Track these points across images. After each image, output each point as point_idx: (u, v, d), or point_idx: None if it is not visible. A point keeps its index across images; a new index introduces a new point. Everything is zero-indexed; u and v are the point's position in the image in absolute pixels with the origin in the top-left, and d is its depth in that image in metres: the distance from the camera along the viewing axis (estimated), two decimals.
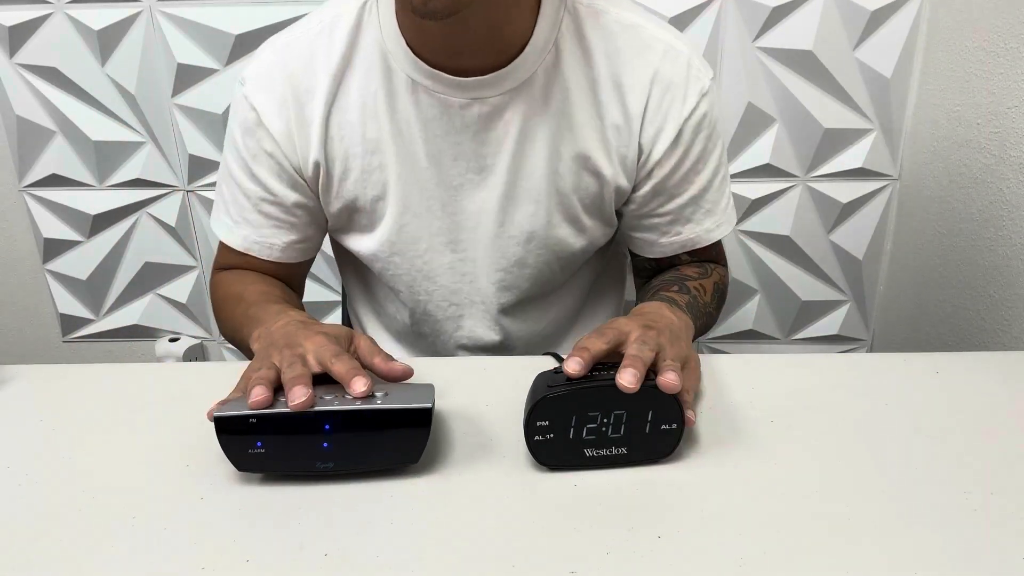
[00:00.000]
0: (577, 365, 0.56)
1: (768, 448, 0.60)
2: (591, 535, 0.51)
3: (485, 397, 0.67)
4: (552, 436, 0.57)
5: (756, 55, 1.35)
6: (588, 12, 0.73)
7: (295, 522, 0.53)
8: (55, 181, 1.54)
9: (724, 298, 0.86)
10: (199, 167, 1.51)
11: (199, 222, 1.57)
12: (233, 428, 0.55)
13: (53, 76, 1.45)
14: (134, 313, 1.67)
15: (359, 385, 0.56)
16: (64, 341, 1.71)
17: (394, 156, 0.75)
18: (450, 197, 0.77)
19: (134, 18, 1.40)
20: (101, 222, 1.58)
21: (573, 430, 0.57)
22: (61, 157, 1.52)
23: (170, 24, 1.39)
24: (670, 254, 0.83)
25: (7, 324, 1.71)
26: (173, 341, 1.67)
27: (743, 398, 0.67)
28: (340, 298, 1.50)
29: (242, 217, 0.80)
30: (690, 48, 0.75)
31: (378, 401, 0.55)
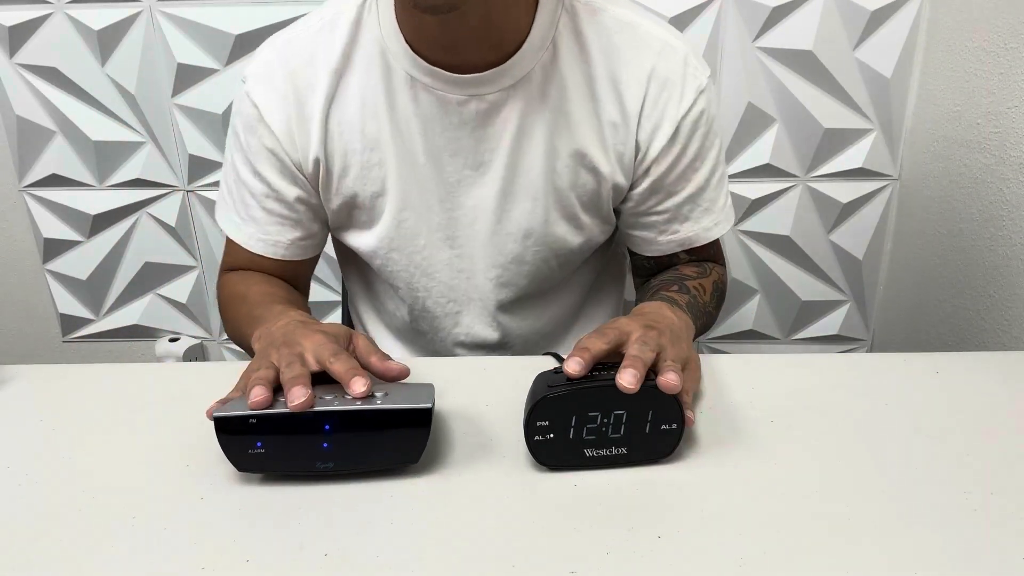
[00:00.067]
0: (577, 365, 0.56)
1: (768, 448, 0.60)
2: (591, 535, 0.51)
3: (485, 397, 0.67)
4: (552, 436, 0.57)
5: (756, 55, 1.35)
6: (585, 10, 0.73)
7: (295, 522, 0.53)
8: (55, 181, 1.54)
9: (723, 297, 0.86)
10: (199, 167, 1.51)
11: (199, 222, 1.57)
12: (233, 428, 0.55)
13: (53, 76, 1.45)
14: (134, 313, 1.67)
15: (358, 385, 0.56)
16: (64, 341, 1.71)
17: (393, 152, 0.75)
18: (448, 193, 0.77)
19: (134, 18, 1.40)
20: (101, 222, 1.58)
21: (573, 430, 0.57)
22: (61, 157, 1.52)
23: (170, 24, 1.39)
24: (668, 252, 0.83)
25: (7, 324, 1.71)
26: (173, 341, 1.67)
27: (743, 398, 0.67)
28: (340, 298, 1.50)
29: (248, 215, 0.80)
30: (687, 46, 0.75)
31: (378, 401, 0.55)
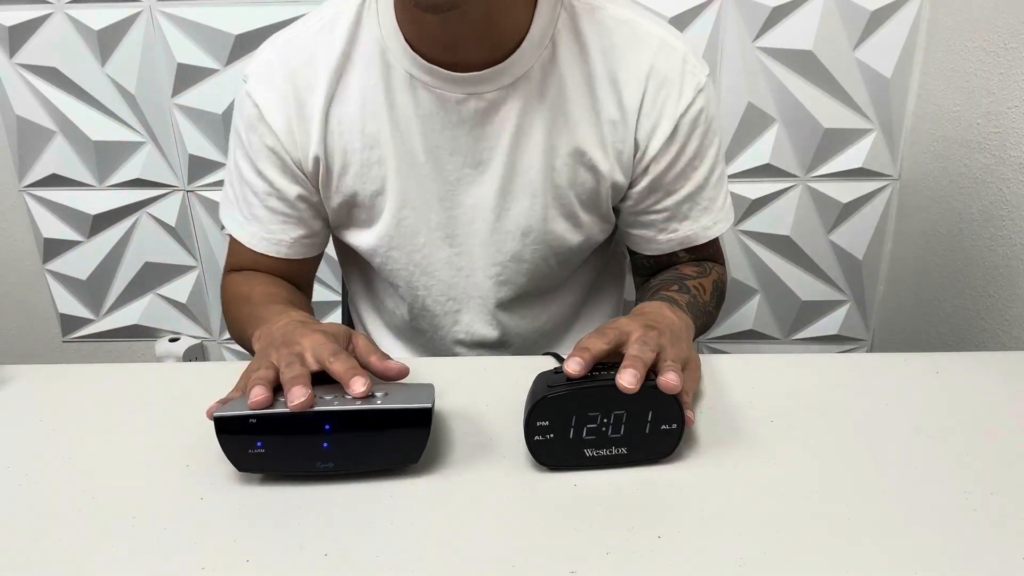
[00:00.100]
0: (577, 365, 0.56)
1: (768, 448, 0.60)
2: (591, 535, 0.51)
3: (485, 397, 0.67)
4: (552, 436, 0.57)
5: (756, 55, 1.35)
6: (584, 8, 0.73)
7: (295, 522, 0.53)
8: (55, 181, 1.54)
9: (723, 297, 0.86)
10: (199, 167, 1.51)
11: (199, 222, 1.57)
12: (233, 428, 0.55)
13: (53, 76, 1.45)
14: (134, 313, 1.67)
15: (358, 385, 0.56)
16: (64, 341, 1.71)
17: (392, 151, 0.75)
18: (447, 192, 0.77)
19: (134, 18, 1.40)
20: (101, 222, 1.58)
21: (573, 430, 0.57)
22: (61, 157, 1.52)
23: (170, 24, 1.39)
24: (668, 251, 0.83)
25: (7, 324, 1.71)
26: (173, 341, 1.67)
27: (743, 398, 0.67)
28: (340, 298, 1.50)
29: (251, 213, 0.81)
30: (685, 45, 0.75)
31: (378, 401, 0.55)
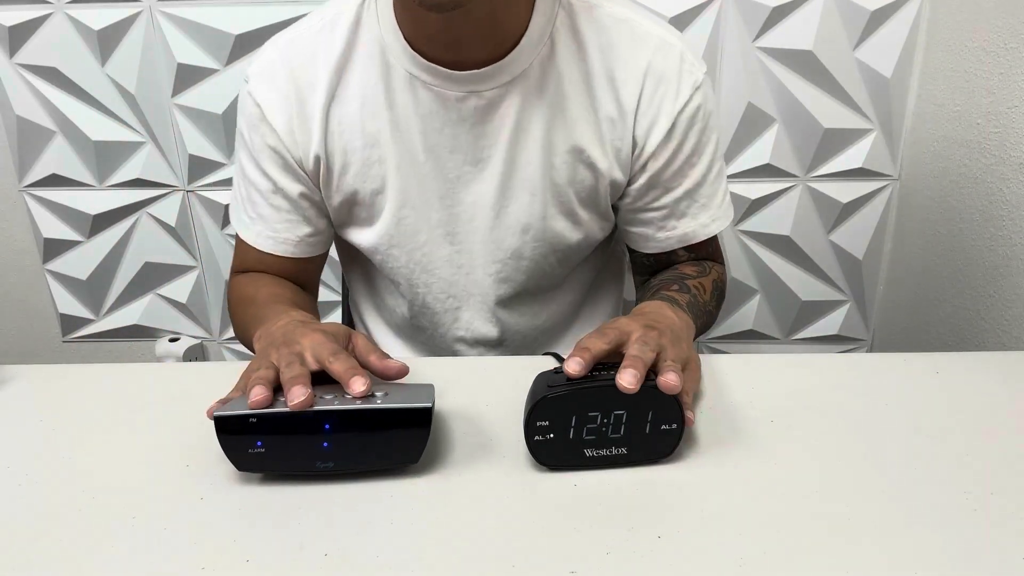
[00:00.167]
0: (577, 365, 0.56)
1: (768, 448, 0.60)
2: (591, 535, 0.51)
3: (485, 397, 0.67)
4: (552, 436, 0.57)
5: (756, 55, 1.35)
6: (582, 6, 0.74)
7: (295, 522, 0.53)
8: (55, 181, 1.54)
9: (723, 296, 0.86)
10: (199, 167, 1.51)
11: (199, 222, 1.57)
12: (233, 428, 0.55)
13: (53, 76, 1.45)
14: (134, 313, 1.67)
15: (358, 385, 0.56)
16: (64, 341, 1.71)
17: (393, 149, 0.76)
18: (448, 189, 0.78)
19: (134, 18, 1.40)
20: (101, 222, 1.58)
21: (573, 430, 0.57)
22: (61, 157, 1.52)
23: (170, 24, 1.39)
24: (667, 249, 0.83)
25: (7, 324, 1.71)
26: (173, 341, 1.67)
27: (743, 398, 0.67)
28: (340, 298, 1.50)
29: (256, 213, 0.81)
30: (683, 42, 0.75)
31: (378, 401, 0.55)
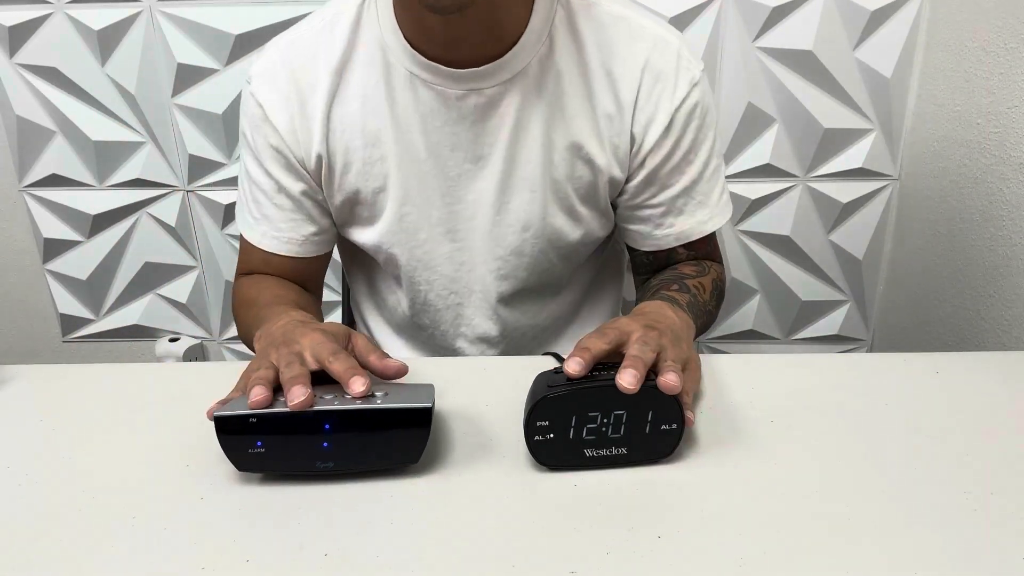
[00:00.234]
0: (578, 365, 0.56)
1: (768, 448, 0.60)
2: (591, 535, 0.51)
3: (485, 397, 0.67)
4: (552, 436, 0.57)
5: (756, 55, 1.35)
6: (580, 4, 0.74)
7: (295, 522, 0.53)
8: (55, 181, 1.54)
9: (723, 296, 0.86)
10: (199, 167, 1.51)
11: (199, 222, 1.57)
12: (233, 428, 0.55)
13: (53, 76, 1.45)
14: (134, 313, 1.67)
15: (357, 385, 0.56)
16: (64, 341, 1.71)
17: (394, 148, 0.76)
18: (448, 187, 0.78)
19: (134, 18, 1.40)
20: (101, 222, 1.58)
21: (573, 430, 0.57)
22: (61, 157, 1.52)
23: (170, 24, 1.39)
24: (665, 247, 0.83)
25: (7, 324, 1.71)
26: (173, 341, 1.67)
27: (743, 398, 0.67)
28: (340, 298, 1.50)
29: (261, 213, 0.82)
30: (680, 40, 0.76)
31: (378, 401, 0.55)
